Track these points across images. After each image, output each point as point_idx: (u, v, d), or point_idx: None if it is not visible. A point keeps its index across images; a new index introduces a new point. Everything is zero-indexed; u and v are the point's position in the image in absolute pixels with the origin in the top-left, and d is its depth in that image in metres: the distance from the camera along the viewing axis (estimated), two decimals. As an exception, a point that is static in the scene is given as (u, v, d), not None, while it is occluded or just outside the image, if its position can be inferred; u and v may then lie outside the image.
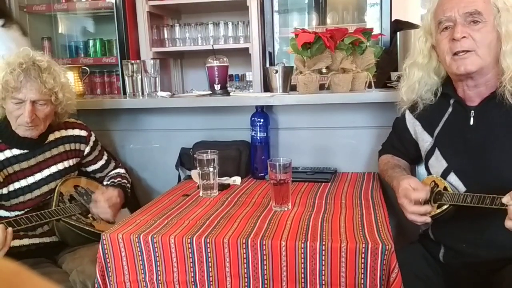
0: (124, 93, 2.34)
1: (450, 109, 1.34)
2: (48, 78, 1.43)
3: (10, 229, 1.30)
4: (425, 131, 1.39)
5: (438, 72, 1.34)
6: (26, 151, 1.50)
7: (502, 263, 1.18)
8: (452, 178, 1.28)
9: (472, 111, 1.27)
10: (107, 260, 1.21)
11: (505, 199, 1.06)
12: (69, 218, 1.47)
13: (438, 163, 1.33)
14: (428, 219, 1.23)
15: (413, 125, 1.44)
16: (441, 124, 1.35)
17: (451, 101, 1.34)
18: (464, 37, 1.19)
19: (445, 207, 1.22)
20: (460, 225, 1.25)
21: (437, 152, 1.34)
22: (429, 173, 1.37)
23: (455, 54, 1.22)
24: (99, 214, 1.54)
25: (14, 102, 1.41)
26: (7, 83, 1.38)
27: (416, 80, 1.35)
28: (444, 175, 1.30)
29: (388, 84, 1.87)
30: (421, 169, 1.54)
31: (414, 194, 1.23)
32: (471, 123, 1.27)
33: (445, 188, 1.26)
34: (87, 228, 1.49)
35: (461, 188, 1.26)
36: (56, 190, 1.53)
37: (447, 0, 1.23)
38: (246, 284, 1.15)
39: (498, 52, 1.21)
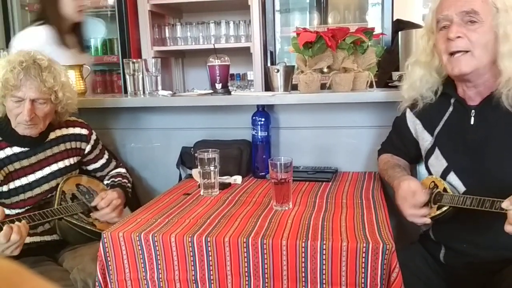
0: (125, 91, 2.34)
1: (450, 109, 1.34)
2: (48, 77, 1.43)
3: (23, 227, 1.28)
4: (425, 130, 1.39)
5: (439, 71, 1.34)
6: (27, 149, 1.51)
7: (503, 264, 1.17)
8: (452, 177, 1.28)
9: (473, 111, 1.27)
10: (108, 258, 1.21)
11: (505, 204, 1.05)
12: (71, 217, 1.47)
13: (438, 162, 1.33)
14: (428, 220, 1.23)
15: (414, 124, 1.43)
16: (441, 124, 1.35)
17: (452, 101, 1.33)
18: (459, 37, 1.18)
19: (444, 208, 1.22)
20: (461, 225, 1.24)
21: (437, 151, 1.34)
22: (429, 172, 1.37)
23: (451, 54, 1.21)
24: (103, 218, 1.54)
25: (14, 100, 1.41)
26: (7, 81, 1.38)
27: (418, 78, 1.35)
28: (444, 174, 1.30)
29: (389, 84, 1.87)
30: (422, 168, 1.54)
31: (413, 200, 1.23)
32: (472, 122, 1.27)
33: (444, 189, 1.25)
34: (89, 227, 1.49)
35: (461, 188, 1.26)
36: (58, 189, 1.53)
37: None
38: (246, 282, 1.15)
39: (495, 53, 1.20)
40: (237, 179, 1.72)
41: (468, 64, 1.19)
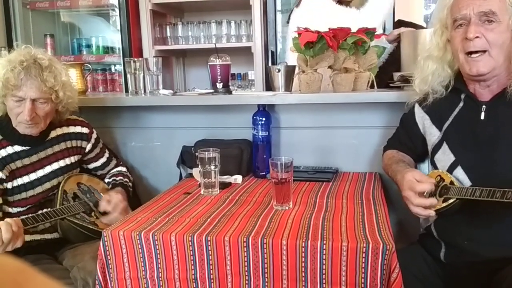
0: (126, 90, 2.35)
1: (461, 104, 1.34)
2: (49, 76, 1.43)
3: (11, 225, 1.28)
4: (434, 125, 1.39)
5: (451, 65, 1.34)
6: (28, 147, 1.51)
7: (504, 262, 1.17)
8: (459, 172, 1.28)
9: (484, 106, 1.27)
10: (108, 257, 1.21)
11: None
12: (73, 217, 1.48)
13: (445, 157, 1.33)
14: (432, 213, 1.22)
15: (422, 119, 1.43)
16: (451, 118, 1.35)
17: (462, 96, 1.34)
18: (477, 37, 1.19)
19: (451, 201, 1.21)
20: (463, 221, 1.25)
21: (444, 146, 1.34)
22: (434, 167, 1.37)
23: (468, 53, 1.22)
24: (110, 222, 1.54)
25: (15, 99, 1.41)
26: (8, 80, 1.38)
27: (430, 72, 1.36)
28: (451, 169, 1.30)
29: (390, 84, 1.86)
30: (423, 167, 1.54)
31: (419, 186, 1.22)
32: (482, 117, 1.27)
33: (451, 183, 1.25)
34: (91, 227, 1.50)
35: (467, 182, 1.26)
36: (60, 188, 1.53)
37: None
38: (246, 282, 1.15)
39: (510, 51, 1.21)
40: (238, 178, 1.72)
41: (486, 64, 1.20)
